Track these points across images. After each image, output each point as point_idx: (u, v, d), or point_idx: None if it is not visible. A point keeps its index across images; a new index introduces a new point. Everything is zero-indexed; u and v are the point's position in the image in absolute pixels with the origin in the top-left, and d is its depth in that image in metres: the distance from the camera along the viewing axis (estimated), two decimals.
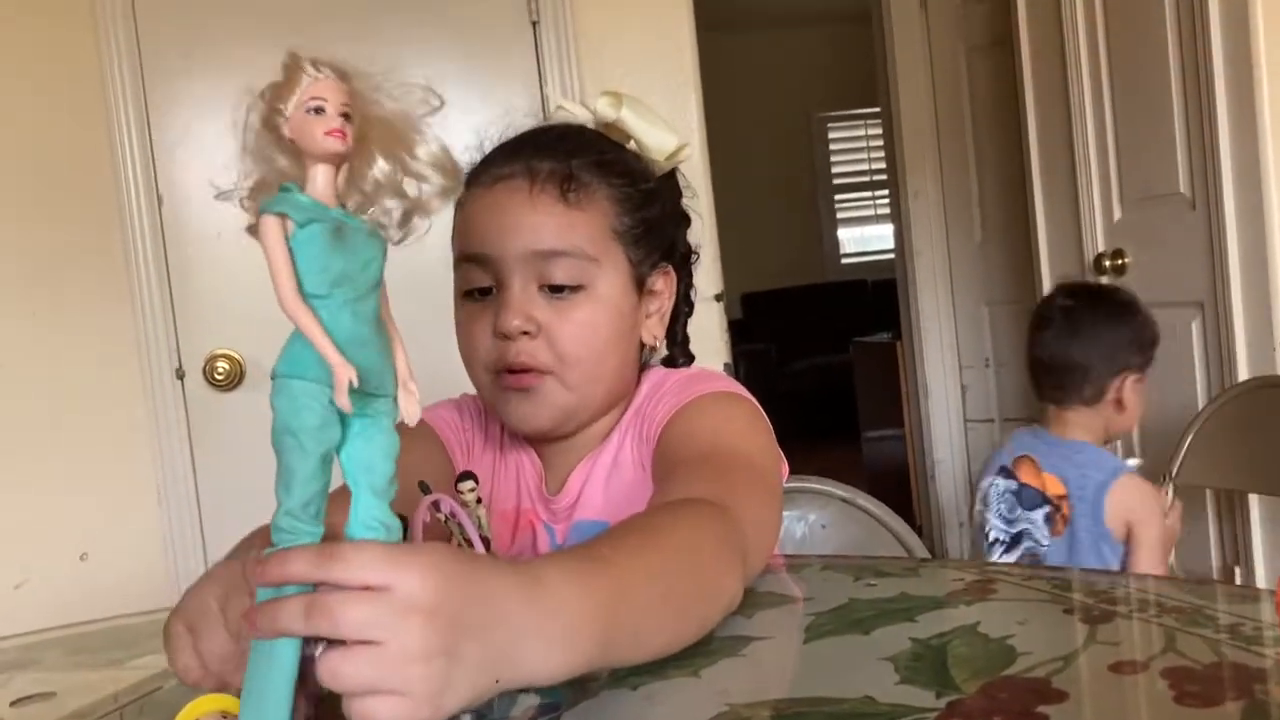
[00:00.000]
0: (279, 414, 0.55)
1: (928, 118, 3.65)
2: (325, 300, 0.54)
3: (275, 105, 0.54)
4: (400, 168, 0.57)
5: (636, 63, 2.29)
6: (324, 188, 0.55)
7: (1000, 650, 0.64)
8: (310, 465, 0.55)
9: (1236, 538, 2.33)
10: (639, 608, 0.63)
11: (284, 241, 0.54)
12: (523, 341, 0.91)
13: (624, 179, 0.96)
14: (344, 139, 0.54)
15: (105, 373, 2.24)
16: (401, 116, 0.58)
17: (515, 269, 0.91)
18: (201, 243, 2.23)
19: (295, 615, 0.51)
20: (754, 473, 0.87)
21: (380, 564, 0.51)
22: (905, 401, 3.92)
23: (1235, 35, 2.17)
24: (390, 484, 0.57)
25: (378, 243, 0.57)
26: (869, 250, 7.46)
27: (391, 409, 0.57)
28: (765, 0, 6.55)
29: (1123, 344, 1.96)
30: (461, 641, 0.52)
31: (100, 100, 2.18)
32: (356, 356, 0.54)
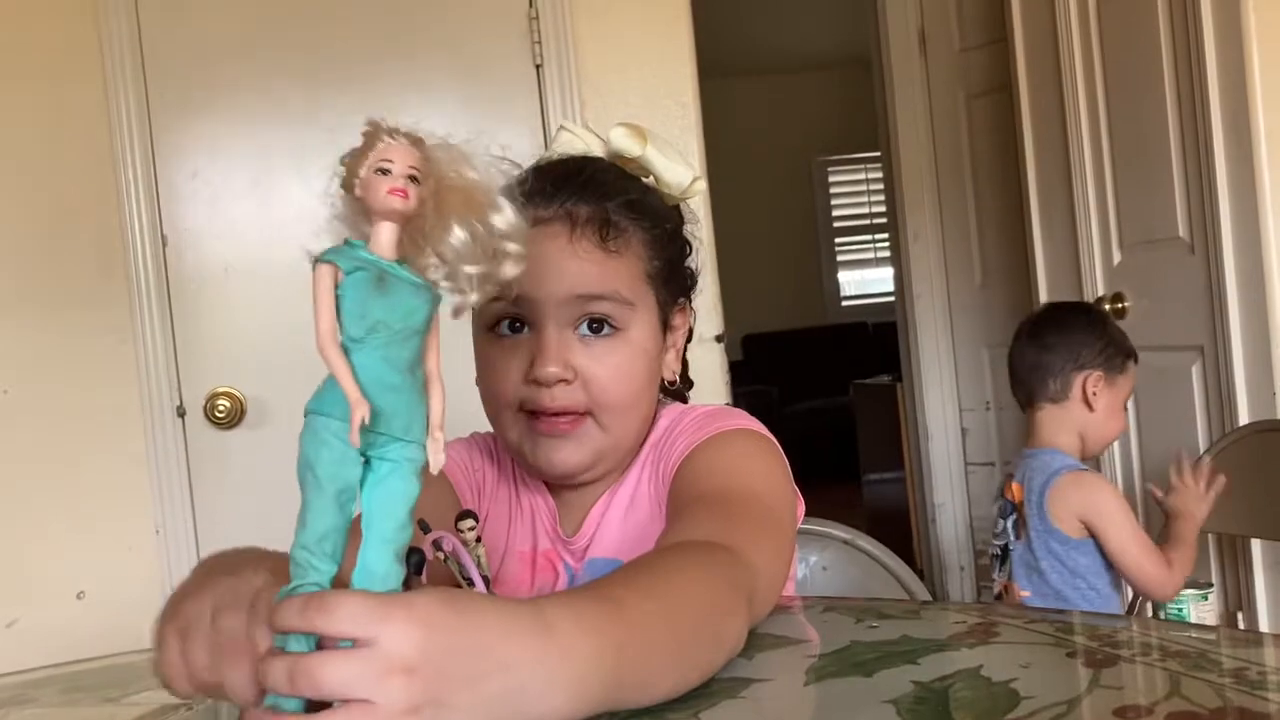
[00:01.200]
0: (302, 448, 0.56)
1: (927, 162, 3.68)
2: (360, 344, 0.56)
3: (353, 169, 0.57)
4: (477, 235, 0.59)
5: (639, 106, 2.31)
6: (385, 244, 0.57)
7: (1003, 694, 0.63)
8: (324, 500, 0.56)
9: (1239, 583, 2.32)
10: (648, 651, 0.62)
11: (331, 287, 0.56)
12: (558, 388, 0.91)
13: (653, 220, 0.97)
14: (405, 197, 0.56)
15: (106, 410, 2.23)
16: (480, 187, 0.60)
17: (551, 313, 0.91)
18: (204, 282, 2.24)
19: (280, 679, 0.51)
20: (766, 515, 0.86)
21: (364, 617, 0.51)
22: (906, 444, 3.92)
23: (1232, 82, 2.20)
24: (401, 530, 0.57)
25: (424, 295, 0.58)
26: (869, 293, 7.48)
27: (416, 456, 0.58)
28: (766, 46, 6.61)
29: (1083, 344, 2.04)
30: (450, 693, 0.51)
31: (107, 141, 2.20)
32: (381, 399, 0.56)
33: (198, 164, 2.22)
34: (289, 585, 0.56)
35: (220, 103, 2.21)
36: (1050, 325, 2.10)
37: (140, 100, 2.19)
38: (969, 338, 3.63)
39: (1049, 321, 2.13)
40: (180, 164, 2.22)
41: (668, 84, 2.32)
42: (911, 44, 3.66)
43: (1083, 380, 2.03)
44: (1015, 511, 2.02)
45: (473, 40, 2.25)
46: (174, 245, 2.23)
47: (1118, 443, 2.66)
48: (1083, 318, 2.13)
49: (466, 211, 0.59)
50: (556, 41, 2.25)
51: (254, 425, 2.22)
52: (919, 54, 3.65)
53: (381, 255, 0.57)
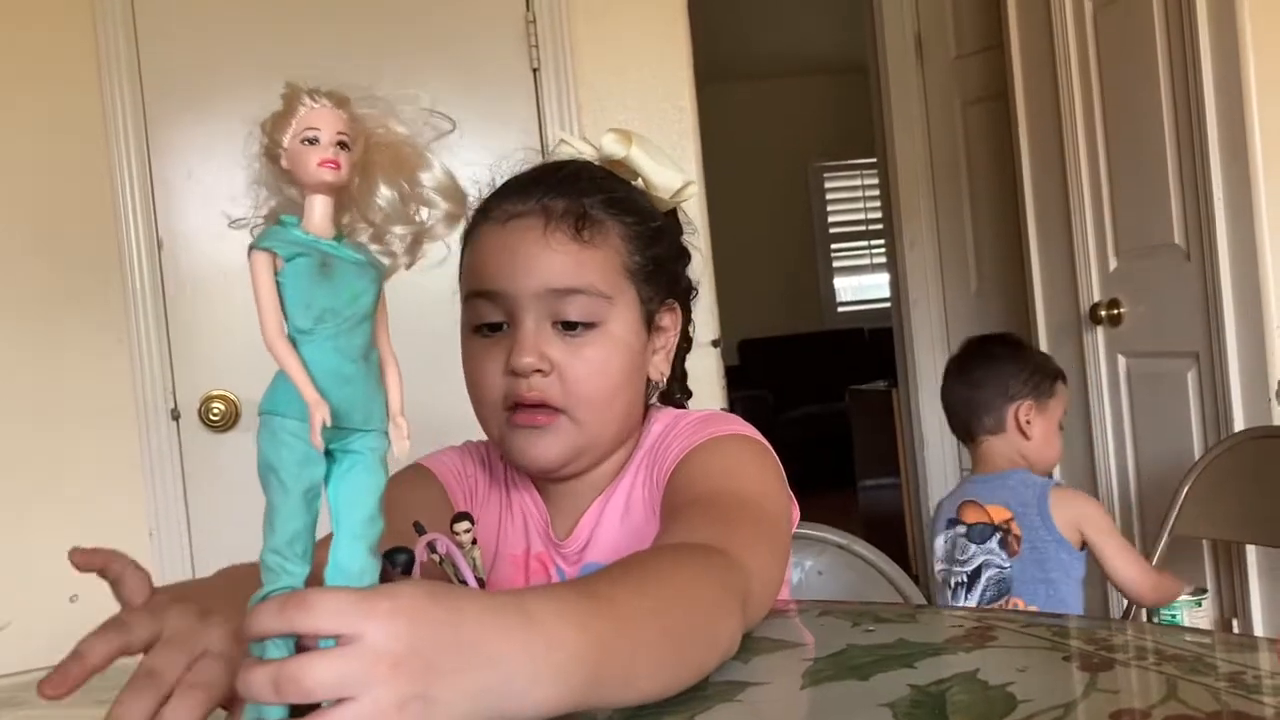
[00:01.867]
0: (261, 451, 0.55)
1: (924, 168, 3.69)
2: (309, 335, 0.54)
3: (274, 137, 0.55)
4: (406, 194, 0.57)
5: (636, 111, 2.31)
6: (320, 220, 0.55)
7: (1000, 697, 0.63)
8: (292, 503, 0.54)
9: (1234, 589, 2.32)
10: (635, 647, 0.62)
11: (271, 277, 0.54)
12: (535, 379, 0.91)
13: (635, 217, 0.97)
14: (337, 169, 0.54)
15: (100, 413, 2.23)
16: (408, 143, 0.58)
17: (529, 306, 0.91)
18: (199, 285, 2.23)
19: (264, 688, 0.50)
20: (761, 518, 0.86)
21: (346, 612, 0.50)
22: (901, 450, 3.92)
23: (1228, 90, 2.20)
24: (370, 522, 0.56)
25: (369, 275, 0.56)
26: (866, 299, 7.49)
27: (378, 444, 0.56)
28: (763, 51, 6.62)
29: (1010, 375, 2.07)
30: (437, 684, 0.51)
31: (102, 142, 2.20)
32: (338, 393, 0.54)
33: (193, 165, 2.22)
34: (260, 591, 0.55)
35: (216, 105, 2.20)
36: (977, 360, 2.14)
37: (136, 102, 2.19)
38: None
39: (975, 357, 2.17)
40: (175, 166, 2.22)
41: (665, 88, 2.32)
42: (908, 50, 3.67)
43: (1014, 411, 2.06)
44: (998, 532, 2.01)
45: (469, 44, 2.25)
46: (169, 248, 2.22)
47: (1112, 449, 2.66)
48: (1007, 349, 2.16)
49: (395, 170, 0.57)
50: (554, 45, 2.26)
51: (248, 428, 2.21)
52: (915, 60, 3.66)
53: (319, 234, 0.55)
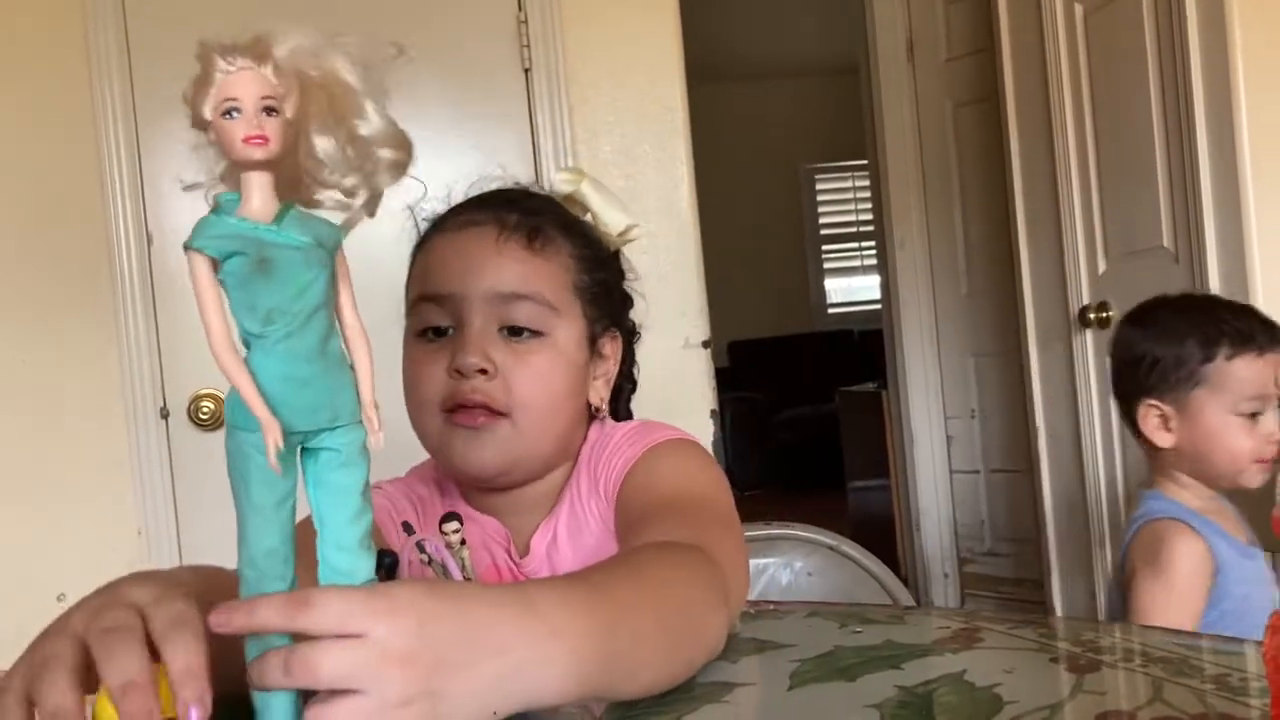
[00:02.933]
0: (229, 464, 0.52)
1: (914, 170, 3.69)
2: (260, 339, 0.51)
3: (196, 108, 0.50)
4: (346, 142, 0.53)
5: (628, 111, 2.31)
6: (258, 202, 0.50)
7: (987, 699, 0.63)
8: (262, 519, 0.52)
9: None
10: (635, 636, 0.63)
11: (211, 281, 0.50)
12: (478, 380, 0.90)
13: (585, 240, 0.99)
14: (265, 143, 0.49)
15: (89, 411, 2.22)
16: (344, 86, 0.53)
17: (476, 309, 0.91)
18: (189, 282, 2.22)
19: (277, 670, 0.50)
20: (720, 516, 0.87)
21: (352, 611, 0.50)
22: (891, 451, 3.92)
23: (1217, 94, 2.21)
24: (357, 519, 0.54)
25: (316, 258, 0.51)
26: (856, 300, 7.50)
27: (353, 437, 0.53)
28: (755, 53, 6.63)
29: (1128, 365, 1.62)
30: (445, 680, 0.51)
31: (92, 138, 2.19)
32: (297, 397, 0.51)
33: (184, 162, 2.21)
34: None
35: None
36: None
37: (126, 98, 2.18)
38: (954, 345, 3.64)
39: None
40: (166, 161, 2.21)
41: (656, 89, 2.33)
42: (899, 52, 3.67)
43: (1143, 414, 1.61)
44: None
45: (461, 44, 2.25)
46: (159, 245, 2.22)
47: (1101, 451, 2.67)
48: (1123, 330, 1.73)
49: (330, 116, 0.52)
50: (545, 46, 2.26)
51: None
52: (907, 62, 3.67)
53: (258, 218, 0.50)
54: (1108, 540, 2.66)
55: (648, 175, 2.32)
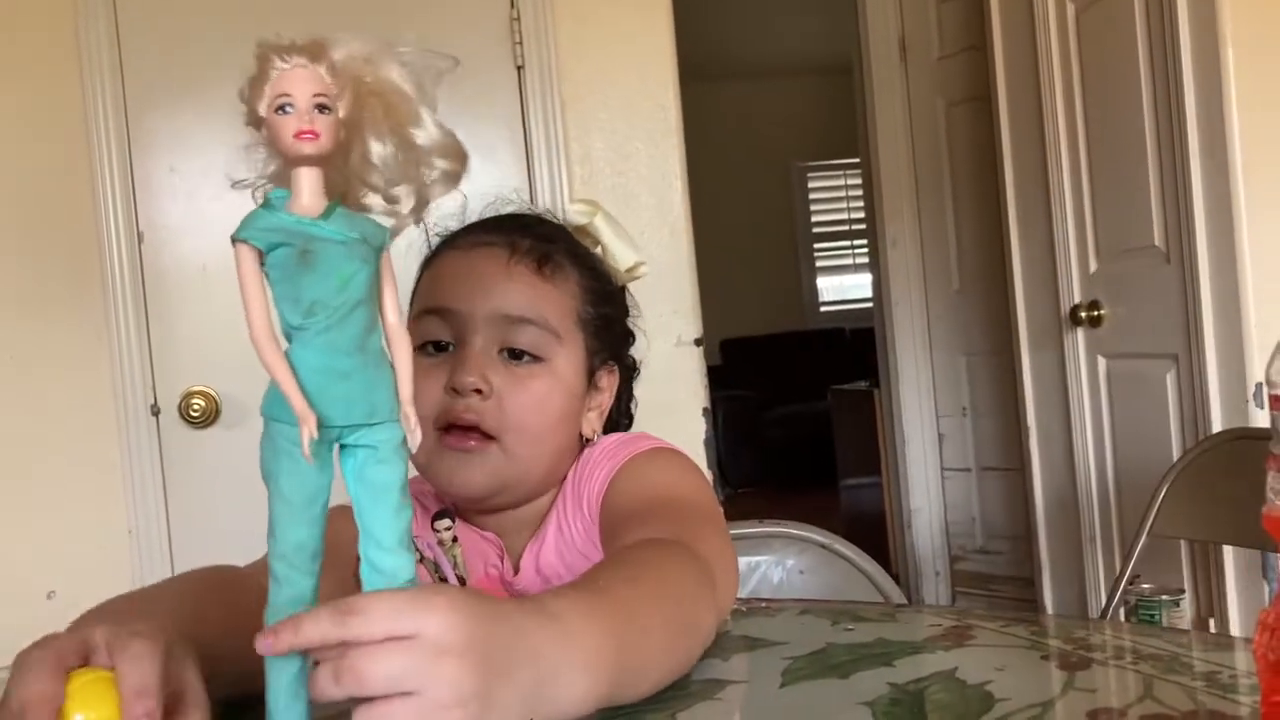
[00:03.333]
0: (262, 456, 0.52)
1: (906, 169, 3.70)
2: (301, 331, 0.51)
3: (251, 106, 0.51)
4: (401, 149, 0.53)
5: (621, 109, 2.31)
6: (307, 198, 0.51)
7: (978, 696, 0.63)
8: (292, 512, 0.52)
9: (1211, 590, 2.34)
10: (642, 637, 0.63)
11: (256, 271, 0.50)
12: (474, 399, 0.89)
13: (594, 272, 0.98)
14: (316, 138, 0.50)
15: (80, 408, 2.21)
16: (397, 91, 0.53)
17: (479, 328, 0.91)
18: (181, 279, 2.22)
19: (327, 681, 0.49)
20: (706, 516, 0.87)
21: (403, 612, 0.50)
22: (883, 449, 3.93)
23: (1209, 93, 2.21)
24: (397, 516, 0.54)
25: (360, 253, 0.52)
26: (848, 299, 7.51)
27: (391, 435, 0.53)
28: (748, 51, 6.63)
29: None
30: (493, 683, 0.51)
31: (82, 135, 2.18)
32: (336, 390, 0.51)
33: (175, 159, 2.21)
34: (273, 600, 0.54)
35: (198, 97, 2.19)
36: None
37: (117, 93, 2.17)
38: (946, 344, 3.65)
39: None
40: (157, 158, 2.21)
41: (649, 87, 2.32)
42: (892, 51, 3.68)
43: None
44: None
45: (453, 40, 2.24)
46: (150, 242, 2.21)
47: (1092, 450, 2.68)
48: None
49: (386, 122, 0.53)
50: (537, 43, 2.25)
51: (229, 425, 2.20)
52: (899, 61, 3.67)
53: (306, 212, 0.51)
54: (1099, 538, 2.66)
55: (640, 173, 2.31)
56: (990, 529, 3.54)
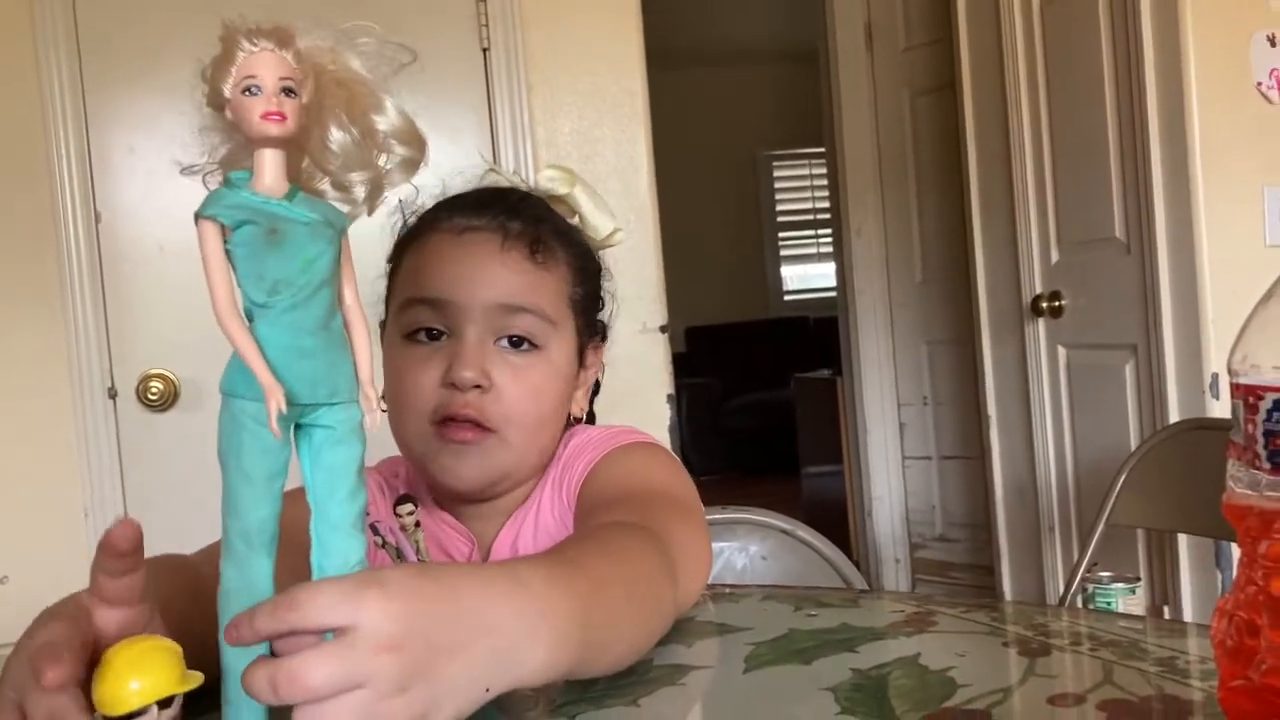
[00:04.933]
0: (222, 432, 0.52)
1: (871, 159, 3.71)
2: (264, 309, 0.51)
3: (215, 86, 0.51)
4: (361, 138, 0.54)
5: (587, 93, 2.30)
6: (271, 178, 0.52)
7: (940, 682, 0.64)
8: (254, 490, 0.52)
9: (1165, 578, 2.37)
10: (609, 610, 0.63)
11: (219, 247, 0.51)
12: (473, 394, 0.88)
13: (580, 250, 0.97)
14: (282, 120, 0.50)
15: (35, 390, 2.18)
16: (360, 80, 0.54)
17: (476, 319, 0.89)
18: (139, 261, 2.19)
19: (264, 689, 0.49)
20: (680, 506, 0.87)
21: (339, 605, 0.49)
22: (845, 437, 3.95)
23: (1169, 89, 2.24)
24: (350, 499, 0.54)
25: (325, 235, 0.53)
26: (811, 288, 7.54)
27: (349, 415, 0.54)
28: (713, 38, 6.62)
29: None
30: (439, 662, 0.51)
31: (38, 111, 2.14)
32: (299, 369, 0.51)
33: (133, 139, 2.17)
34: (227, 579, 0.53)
35: (157, 76, 2.15)
36: None
37: (74, 71, 2.13)
38: (909, 333, 3.67)
39: None
40: (115, 138, 2.17)
41: (616, 71, 2.32)
42: (858, 40, 3.69)
43: None
44: None
45: (418, 20, 2.22)
46: (107, 222, 2.18)
47: (1051, 439, 2.71)
48: None
49: (348, 112, 0.54)
50: (504, 25, 2.23)
51: (187, 408, 2.17)
52: (865, 50, 3.68)
53: (270, 193, 0.51)
54: (1057, 527, 2.69)
55: (606, 158, 2.31)
56: (950, 517, 3.58)
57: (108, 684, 0.52)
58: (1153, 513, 2.08)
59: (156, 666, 0.52)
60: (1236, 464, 0.54)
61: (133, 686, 0.51)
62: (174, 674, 0.52)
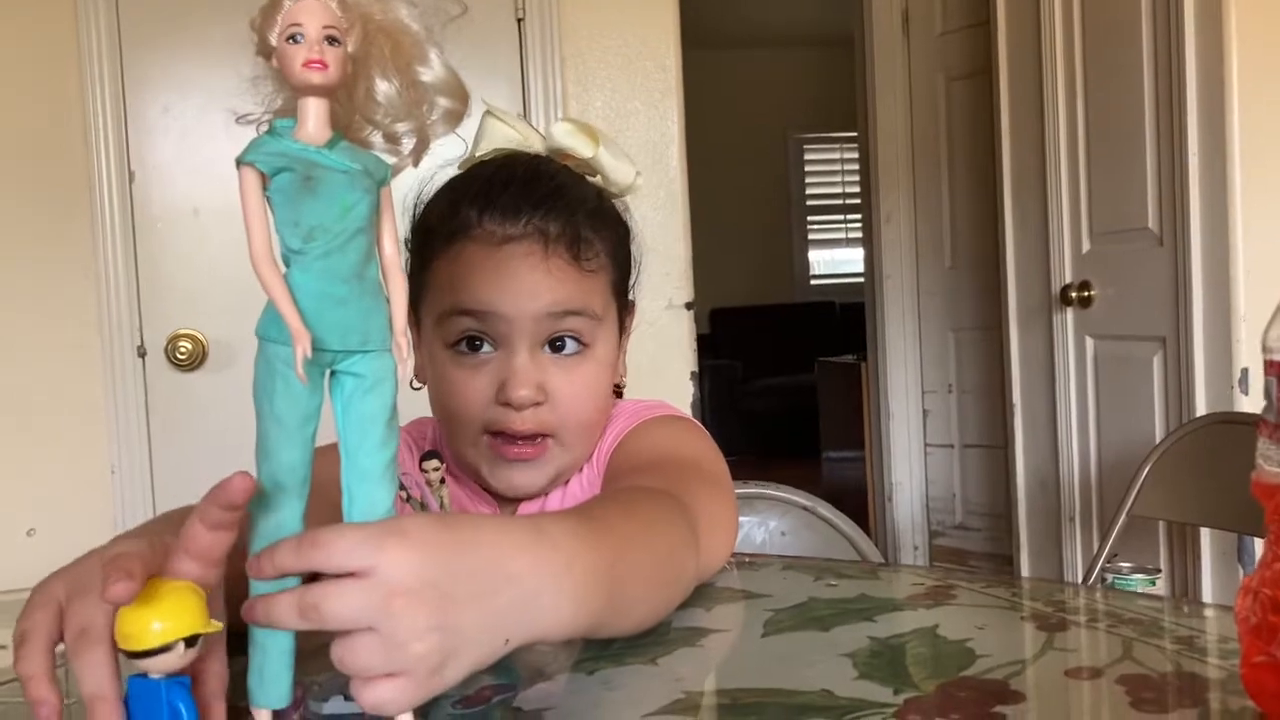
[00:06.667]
0: (256, 376, 0.53)
1: (904, 143, 3.68)
2: (299, 255, 0.52)
3: (262, 34, 0.52)
4: (405, 88, 0.54)
5: (620, 66, 2.29)
6: (313, 127, 0.52)
7: (959, 652, 0.64)
8: (286, 434, 0.53)
9: (1186, 571, 2.36)
10: (632, 570, 0.63)
11: (259, 194, 0.51)
12: (529, 411, 0.88)
13: (612, 228, 0.95)
14: (324, 69, 0.50)
15: (66, 348, 2.20)
16: (406, 30, 0.55)
17: (525, 331, 0.88)
18: (171, 221, 2.20)
19: (289, 613, 0.50)
20: (706, 476, 0.87)
21: (359, 548, 0.50)
22: (867, 423, 3.94)
23: (1210, 79, 2.21)
24: (382, 447, 0.54)
25: (362, 184, 0.53)
26: (838, 273, 7.51)
27: (382, 364, 0.54)
28: (748, 19, 6.58)
29: None
30: (457, 612, 0.51)
31: (75, 71, 2.16)
32: (331, 315, 0.52)
33: (169, 99, 2.18)
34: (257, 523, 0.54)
35: (194, 36, 2.16)
36: None
37: (112, 31, 2.15)
38: (936, 320, 3.66)
39: None
40: (151, 98, 2.18)
41: (649, 46, 2.31)
42: (894, 24, 3.66)
43: None
44: None
45: None
46: (141, 181, 2.19)
47: (1076, 430, 2.69)
48: None
49: (393, 62, 0.54)
50: None
51: (215, 368, 2.19)
52: (901, 34, 3.65)
53: (311, 141, 0.52)
54: (1078, 518, 2.68)
55: (638, 132, 2.30)
56: (970, 505, 3.57)
57: (130, 621, 0.52)
58: (1176, 505, 2.06)
59: (180, 607, 0.53)
60: (1268, 442, 0.53)
61: (155, 627, 0.52)
62: (198, 615, 0.53)
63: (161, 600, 0.52)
